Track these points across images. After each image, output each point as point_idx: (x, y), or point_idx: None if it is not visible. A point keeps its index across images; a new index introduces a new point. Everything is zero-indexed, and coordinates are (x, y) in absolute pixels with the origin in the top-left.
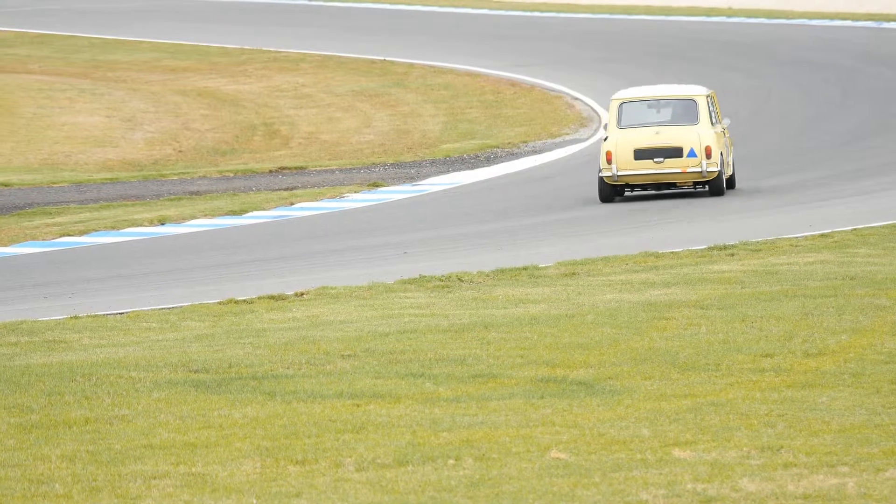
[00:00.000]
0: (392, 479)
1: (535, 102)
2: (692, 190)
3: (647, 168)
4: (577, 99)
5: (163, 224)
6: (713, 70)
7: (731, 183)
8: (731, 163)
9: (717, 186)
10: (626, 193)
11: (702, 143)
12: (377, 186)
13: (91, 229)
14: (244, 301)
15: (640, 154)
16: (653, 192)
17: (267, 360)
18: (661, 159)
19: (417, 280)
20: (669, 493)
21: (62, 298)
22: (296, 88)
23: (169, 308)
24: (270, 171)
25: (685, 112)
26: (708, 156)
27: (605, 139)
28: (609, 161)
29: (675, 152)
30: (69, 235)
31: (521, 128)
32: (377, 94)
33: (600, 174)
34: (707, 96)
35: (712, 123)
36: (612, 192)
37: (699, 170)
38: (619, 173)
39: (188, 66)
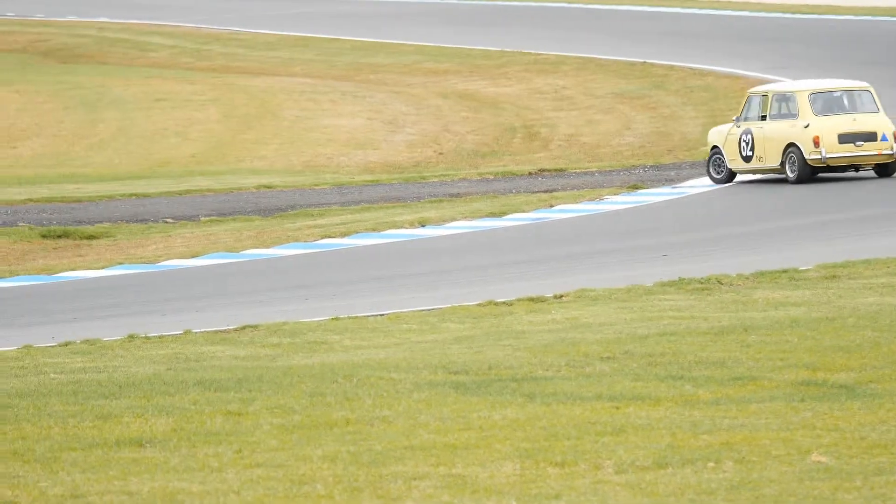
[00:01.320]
0: (651, 482)
1: None
2: (868, 171)
3: (849, 151)
4: None
5: (423, 226)
6: None
7: None
8: None
9: (894, 168)
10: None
11: (891, 128)
12: (637, 188)
13: (352, 231)
14: (503, 303)
15: (844, 138)
16: (839, 173)
17: (526, 361)
18: (861, 143)
19: (677, 282)
20: None
21: (323, 300)
22: (556, 91)
23: (428, 310)
24: (530, 174)
25: (867, 101)
26: None
27: (807, 126)
28: (816, 145)
29: (871, 136)
30: (331, 237)
31: None
32: (637, 96)
33: (808, 157)
34: None
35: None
36: (812, 173)
37: (891, 152)
38: (827, 156)
39: (449, 68)
